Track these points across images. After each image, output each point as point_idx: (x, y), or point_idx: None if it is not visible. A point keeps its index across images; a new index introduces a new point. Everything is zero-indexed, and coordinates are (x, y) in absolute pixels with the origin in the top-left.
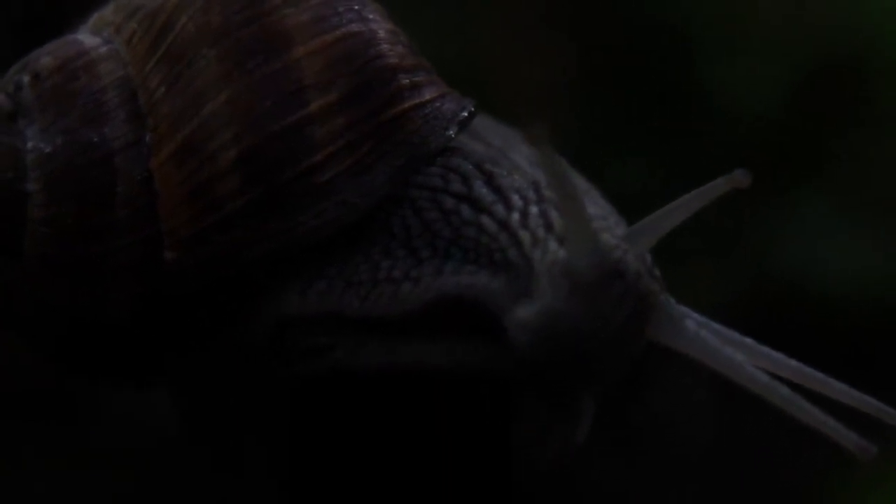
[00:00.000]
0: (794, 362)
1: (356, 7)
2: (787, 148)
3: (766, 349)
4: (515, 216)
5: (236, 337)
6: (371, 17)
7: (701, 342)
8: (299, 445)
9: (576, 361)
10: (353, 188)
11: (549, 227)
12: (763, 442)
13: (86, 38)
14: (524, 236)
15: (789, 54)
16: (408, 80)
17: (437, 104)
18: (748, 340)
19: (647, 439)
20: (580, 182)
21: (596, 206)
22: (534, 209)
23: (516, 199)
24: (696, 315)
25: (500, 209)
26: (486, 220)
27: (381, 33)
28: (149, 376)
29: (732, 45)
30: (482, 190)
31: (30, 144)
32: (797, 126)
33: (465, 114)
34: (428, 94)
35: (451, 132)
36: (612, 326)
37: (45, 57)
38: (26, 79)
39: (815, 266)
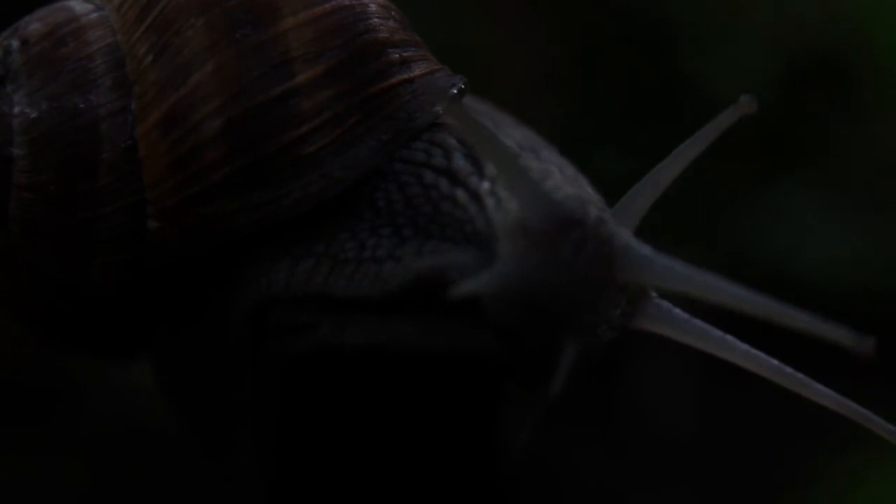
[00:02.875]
0: (774, 361)
1: None
2: (770, 138)
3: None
4: (486, 184)
5: (219, 313)
6: None
7: (675, 276)
8: (283, 425)
9: (548, 314)
10: (338, 161)
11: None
12: (747, 429)
13: (77, 4)
14: (489, 202)
15: (774, 45)
16: (397, 55)
17: (427, 80)
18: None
19: (630, 427)
20: (519, 136)
21: (546, 160)
22: None
23: (490, 169)
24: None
25: (474, 180)
26: (460, 192)
27: (373, 7)
28: (131, 349)
29: (718, 35)
30: (460, 162)
31: (16, 109)
32: (781, 116)
33: (455, 90)
34: (417, 70)
35: (440, 108)
36: (577, 272)
37: (35, 23)
38: (15, 44)
39: (797, 255)
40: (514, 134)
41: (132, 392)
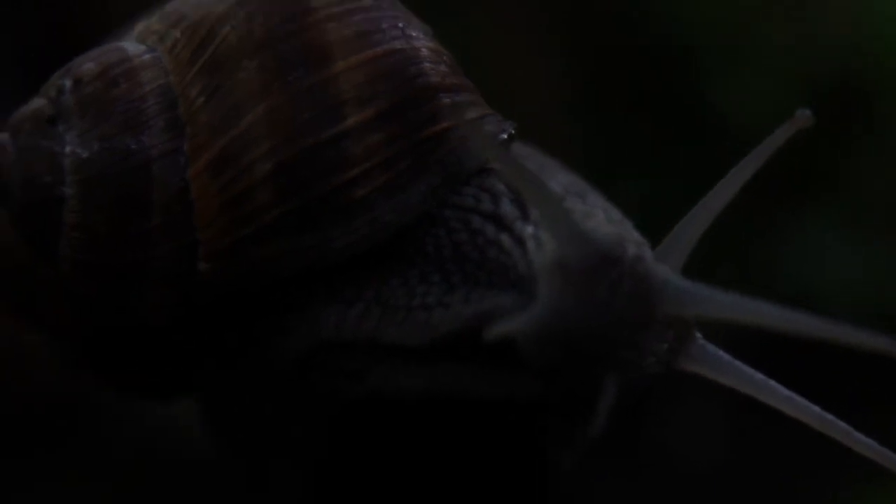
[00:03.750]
0: (815, 408)
1: (400, 24)
2: (791, 164)
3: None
4: (529, 228)
5: (267, 355)
6: (414, 34)
7: (713, 304)
8: (330, 465)
9: (585, 353)
10: (388, 205)
11: None
12: (772, 461)
13: (129, 45)
14: (531, 245)
15: (794, 71)
16: (448, 100)
17: (477, 125)
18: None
19: (655, 458)
20: (565, 180)
21: (591, 203)
22: None
23: (535, 213)
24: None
25: (518, 224)
26: (505, 237)
27: (424, 52)
28: (174, 388)
29: (737, 60)
30: (507, 207)
31: (68, 149)
32: (802, 142)
33: (505, 136)
34: (468, 115)
35: (488, 154)
36: (614, 310)
37: (88, 63)
38: (68, 83)
39: (820, 282)
40: (560, 178)
41: (161, 419)
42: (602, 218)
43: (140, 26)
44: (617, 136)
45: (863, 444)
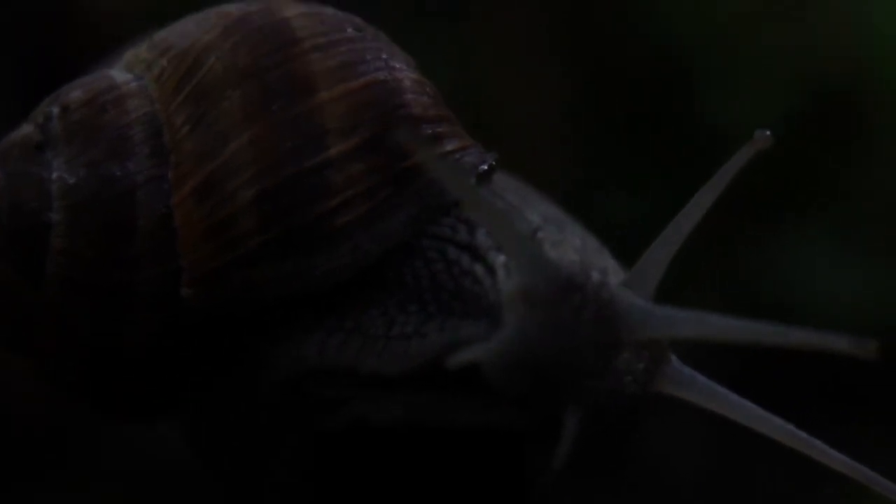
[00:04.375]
0: (790, 427)
1: (384, 56)
2: (784, 176)
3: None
4: (501, 258)
5: (250, 382)
6: (398, 66)
7: (677, 323)
8: (314, 492)
9: (549, 379)
10: (368, 234)
11: None
12: (758, 474)
13: (117, 73)
14: (501, 273)
15: (788, 84)
16: (430, 131)
17: (458, 156)
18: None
19: (640, 473)
20: (545, 210)
21: (570, 233)
22: None
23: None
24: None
25: (492, 254)
26: (478, 267)
27: (407, 83)
28: (160, 411)
29: (731, 73)
30: (482, 238)
31: (55, 175)
32: (795, 155)
33: (485, 167)
34: (449, 146)
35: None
36: (576, 336)
37: (76, 90)
38: (56, 110)
39: (810, 293)
40: (539, 208)
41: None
42: (572, 246)
43: (129, 54)
44: (610, 155)
45: (837, 460)
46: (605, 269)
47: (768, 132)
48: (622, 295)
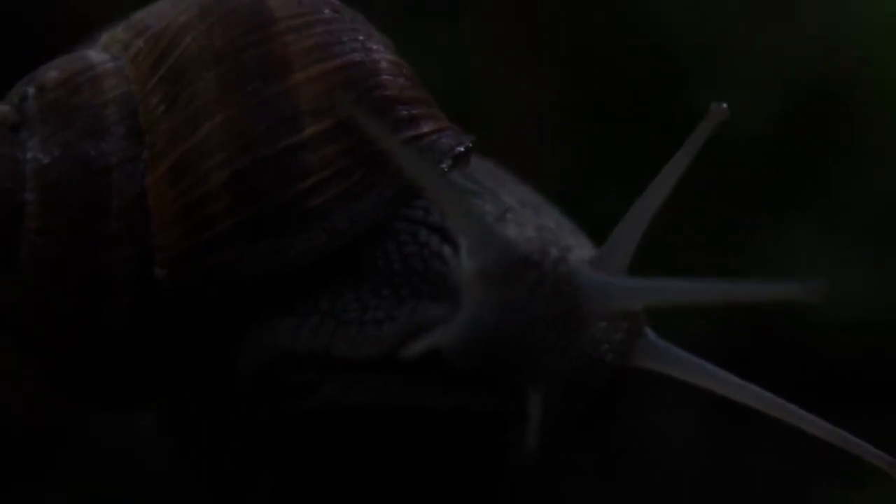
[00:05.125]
0: (768, 394)
1: (360, 38)
2: (776, 173)
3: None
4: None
5: (225, 365)
6: (374, 47)
7: (639, 293)
8: (286, 478)
9: (511, 360)
10: (342, 215)
11: None
12: (751, 465)
13: (94, 54)
14: (463, 255)
15: (778, 81)
16: (405, 112)
17: (434, 138)
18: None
19: (635, 460)
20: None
21: (545, 215)
22: None
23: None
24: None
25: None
26: (446, 248)
27: (384, 64)
28: (140, 399)
29: (723, 71)
30: None
31: (29, 155)
32: (786, 152)
33: (461, 149)
34: (425, 128)
35: (445, 166)
36: (531, 314)
37: (52, 70)
38: (31, 90)
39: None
40: (516, 192)
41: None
42: (534, 225)
43: (106, 35)
44: (605, 146)
45: (818, 427)
46: (569, 246)
47: (725, 105)
48: (581, 270)
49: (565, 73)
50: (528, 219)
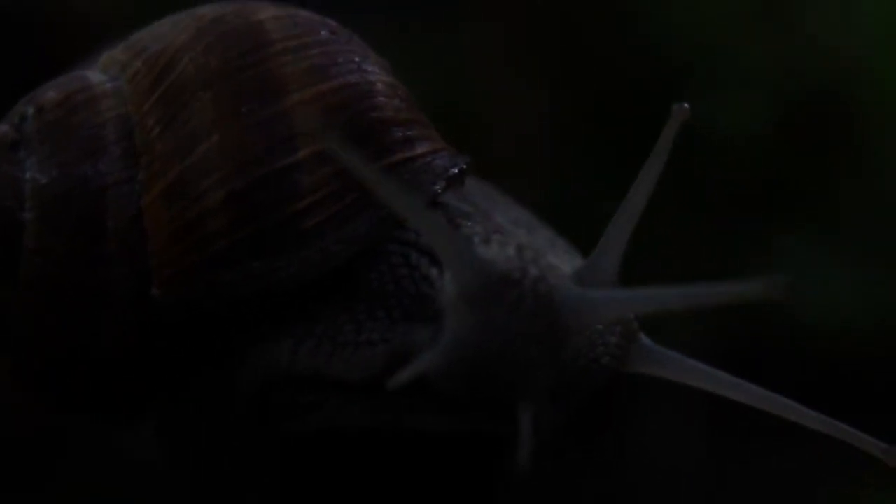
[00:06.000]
0: (761, 389)
1: (356, 59)
2: (775, 174)
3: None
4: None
5: (222, 385)
6: (370, 69)
7: (620, 305)
8: (285, 498)
9: (496, 380)
10: (336, 236)
11: None
12: (751, 471)
13: (92, 74)
14: (446, 278)
15: (778, 82)
16: (400, 134)
17: (428, 159)
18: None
19: (631, 468)
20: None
21: (538, 236)
22: None
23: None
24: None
25: None
26: (434, 271)
27: (379, 86)
28: (135, 413)
29: (722, 71)
30: None
31: (28, 175)
32: (785, 152)
33: (456, 170)
34: (420, 149)
35: (438, 188)
36: (512, 332)
37: (50, 91)
38: (30, 110)
39: (800, 296)
40: (510, 212)
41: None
42: (516, 244)
43: (105, 56)
44: (599, 161)
45: (813, 419)
46: (552, 265)
47: (686, 104)
48: (561, 286)
49: (565, 73)
50: (514, 239)
